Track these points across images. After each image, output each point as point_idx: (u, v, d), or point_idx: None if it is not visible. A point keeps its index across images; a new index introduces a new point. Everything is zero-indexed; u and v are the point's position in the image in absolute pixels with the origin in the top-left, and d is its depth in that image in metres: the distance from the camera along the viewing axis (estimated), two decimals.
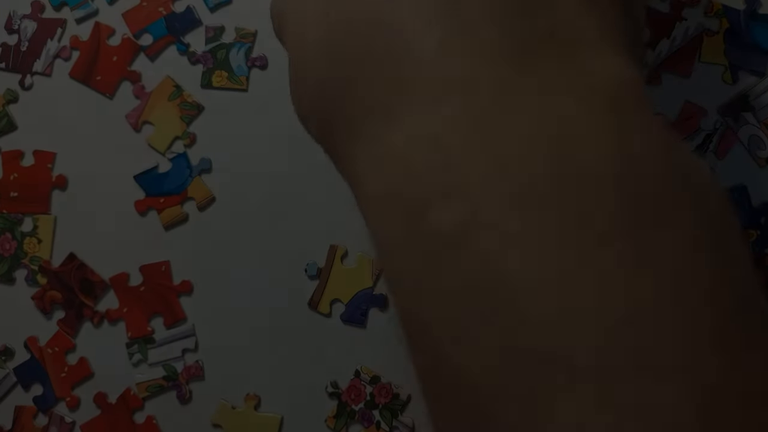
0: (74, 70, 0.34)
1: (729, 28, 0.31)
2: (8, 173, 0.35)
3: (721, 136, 0.31)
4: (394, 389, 0.32)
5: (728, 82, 0.31)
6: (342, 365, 0.32)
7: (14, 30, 0.35)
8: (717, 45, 0.31)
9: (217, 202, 0.34)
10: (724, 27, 0.31)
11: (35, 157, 0.35)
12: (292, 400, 0.33)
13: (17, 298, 0.34)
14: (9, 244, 0.34)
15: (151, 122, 0.34)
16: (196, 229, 0.34)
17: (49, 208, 0.34)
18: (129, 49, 0.34)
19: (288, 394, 0.33)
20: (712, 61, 0.31)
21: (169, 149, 0.34)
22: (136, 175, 0.34)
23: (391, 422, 0.32)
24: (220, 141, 0.34)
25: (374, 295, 0.32)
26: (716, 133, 0.31)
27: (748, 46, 0.31)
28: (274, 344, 0.33)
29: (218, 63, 0.33)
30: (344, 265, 0.32)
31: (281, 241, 0.33)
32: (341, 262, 0.32)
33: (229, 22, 0.34)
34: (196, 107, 0.34)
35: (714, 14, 0.31)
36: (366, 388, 0.32)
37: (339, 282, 0.32)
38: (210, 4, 0.34)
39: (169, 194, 0.34)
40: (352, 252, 0.32)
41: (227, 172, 0.34)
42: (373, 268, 0.32)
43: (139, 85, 0.34)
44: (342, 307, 0.32)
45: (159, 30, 0.34)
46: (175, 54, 0.34)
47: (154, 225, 0.34)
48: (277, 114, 0.33)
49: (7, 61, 0.35)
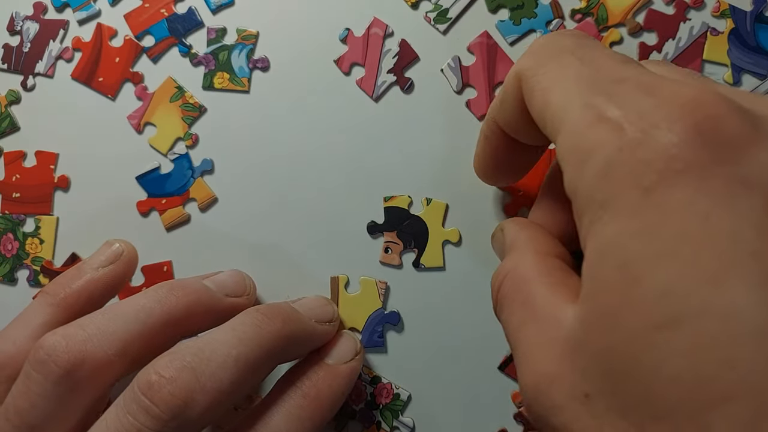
0: (76, 71, 0.35)
1: (734, 28, 0.31)
2: (10, 174, 0.35)
3: None
4: (395, 389, 0.32)
5: (730, 83, 0.31)
6: None
7: (16, 31, 0.35)
8: (721, 45, 0.31)
9: (219, 203, 0.34)
10: (730, 27, 0.31)
11: (37, 157, 0.35)
12: None
13: (19, 298, 0.34)
14: (11, 245, 0.34)
15: (153, 123, 0.34)
16: (197, 230, 0.34)
17: (52, 209, 0.35)
18: (131, 50, 0.34)
19: None
20: (715, 60, 0.31)
21: (171, 150, 0.34)
22: (138, 176, 0.34)
23: (392, 422, 0.32)
24: (222, 142, 0.34)
25: (386, 314, 0.32)
26: None
27: (751, 48, 0.31)
28: None
29: (220, 64, 0.34)
30: (349, 293, 0.32)
31: (283, 241, 0.33)
32: (345, 291, 0.32)
33: (231, 24, 0.34)
34: (197, 108, 0.34)
35: (720, 14, 0.31)
36: (366, 388, 0.32)
37: (349, 310, 0.32)
38: (212, 6, 0.34)
39: (171, 195, 0.34)
40: (354, 278, 0.32)
41: (229, 173, 0.34)
42: (378, 288, 0.32)
43: (141, 86, 0.34)
44: (358, 335, 0.32)
45: (161, 31, 0.34)
46: (177, 55, 0.34)
47: (156, 226, 0.34)
48: (279, 115, 0.33)
49: (9, 62, 0.35)
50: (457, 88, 0.32)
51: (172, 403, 0.21)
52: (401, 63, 0.33)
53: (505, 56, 0.32)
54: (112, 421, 0.22)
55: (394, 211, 0.32)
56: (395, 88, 0.33)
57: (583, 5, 0.32)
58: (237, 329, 0.24)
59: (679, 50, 0.32)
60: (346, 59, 0.33)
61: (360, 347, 0.29)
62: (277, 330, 0.25)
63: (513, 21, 0.32)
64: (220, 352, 0.23)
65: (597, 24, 0.32)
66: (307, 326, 0.27)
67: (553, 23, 0.32)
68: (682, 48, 0.32)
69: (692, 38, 0.32)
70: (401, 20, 0.33)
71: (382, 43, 0.33)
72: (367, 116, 0.33)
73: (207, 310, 0.26)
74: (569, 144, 0.17)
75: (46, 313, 0.26)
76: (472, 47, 0.32)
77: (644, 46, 0.32)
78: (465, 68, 0.32)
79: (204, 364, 0.22)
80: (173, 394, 0.21)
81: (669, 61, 0.31)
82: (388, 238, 0.32)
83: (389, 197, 0.32)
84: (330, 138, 0.33)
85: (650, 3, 0.32)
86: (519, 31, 0.32)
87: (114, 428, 0.21)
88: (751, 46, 0.31)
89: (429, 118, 0.32)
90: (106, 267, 0.28)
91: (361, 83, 0.33)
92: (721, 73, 0.31)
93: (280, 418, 0.24)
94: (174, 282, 0.26)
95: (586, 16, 0.32)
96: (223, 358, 0.23)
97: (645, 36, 0.32)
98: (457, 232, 0.32)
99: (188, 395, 0.21)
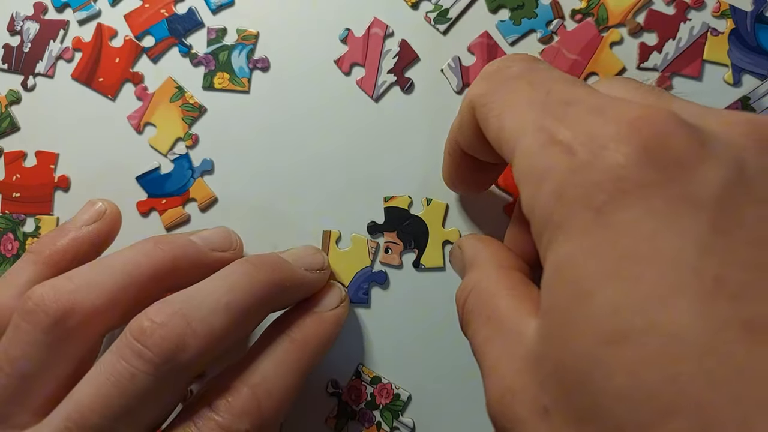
0: (76, 71, 0.35)
1: (734, 29, 0.31)
2: (11, 174, 0.35)
3: None
4: (395, 389, 0.32)
5: (730, 84, 0.31)
6: (342, 365, 0.33)
7: (17, 31, 0.35)
8: (721, 45, 0.31)
9: (219, 203, 0.34)
10: (730, 27, 0.31)
11: (38, 157, 0.35)
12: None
13: None
14: (11, 245, 0.35)
15: (153, 123, 0.34)
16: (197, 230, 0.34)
17: (52, 209, 0.35)
18: (131, 50, 0.34)
19: None
20: (715, 61, 0.31)
21: (171, 150, 0.34)
22: (138, 176, 0.34)
23: (392, 423, 0.32)
24: (222, 142, 0.34)
25: (373, 273, 0.32)
26: None
27: (752, 48, 0.31)
28: None
29: (220, 65, 0.34)
30: (339, 248, 0.32)
31: (283, 241, 0.33)
32: (336, 246, 0.32)
33: (231, 24, 0.34)
34: (198, 108, 0.34)
35: (721, 14, 0.31)
36: (366, 389, 0.32)
37: (337, 265, 0.32)
38: (212, 6, 0.34)
39: (171, 195, 0.34)
40: (346, 234, 0.33)
41: (229, 173, 0.34)
42: (369, 247, 0.32)
43: (141, 86, 0.34)
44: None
45: (161, 32, 0.34)
46: (177, 55, 0.34)
47: (156, 226, 0.34)
48: (279, 115, 0.33)
49: (10, 62, 0.35)
50: (457, 88, 0.32)
51: (164, 346, 0.21)
52: (401, 63, 0.33)
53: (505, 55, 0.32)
54: (105, 366, 0.22)
55: (394, 212, 0.32)
56: (395, 88, 0.33)
57: (583, 5, 0.32)
58: (227, 278, 0.24)
59: (679, 50, 0.32)
60: (347, 59, 0.33)
61: (345, 295, 0.30)
62: (267, 278, 0.25)
63: (513, 21, 0.32)
64: (211, 299, 0.23)
65: (597, 24, 0.32)
66: (297, 274, 0.27)
67: (553, 23, 0.32)
68: (683, 48, 0.32)
69: (692, 38, 0.32)
70: (401, 20, 0.33)
71: (383, 43, 0.33)
72: (368, 116, 0.33)
73: (193, 264, 0.26)
74: (524, 167, 0.17)
75: (31, 270, 0.26)
76: (472, 47, 0.32)
77: (644, 47, 0.32)
78: (465, 68, 0.32)
79: (195, 310, 0.23)
80: (165, 338, 0.22)
81: (669, 60, 0.32)
82: (388, 238, 0.32)
83: (389, 197, 0.32)
84: (330, 138, 0.33)
85: (650, 3, 0.32)
86: (519, 31, 0.32)
87: (108, 372, 0.22)
88: (752, 46, 0.31)
89: (429, 118, 0.32)
90: (90, 225, 0.28)
91: (361, 83, 0.33)
92: (721, 73, 0.31)
93: (268, 362, 0.25)
94: (160, 236, 0.27)
95: (587, 17, 0.32)
96: (214, 304, 0.23)
97: (645, 36, 0.32)
98: (457, 233, 0.32)
99: (180, 339, 0.22)
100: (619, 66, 0.32)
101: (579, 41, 0.32)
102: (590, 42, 0.32)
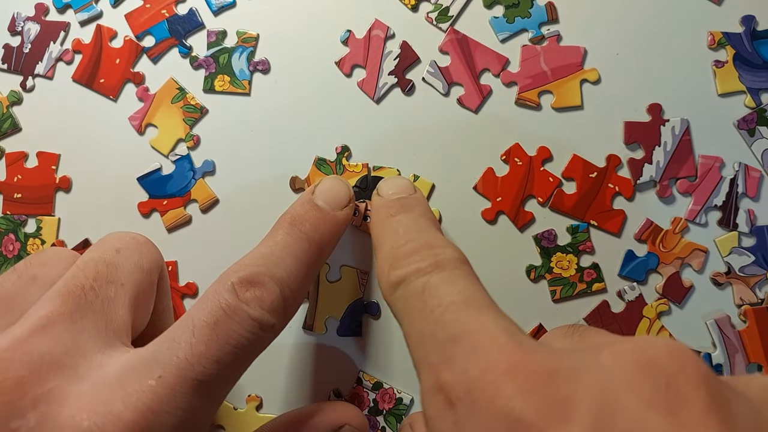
0: (77, 73, 0.35)
1: (736, 53, 0.31)
2: (12, 175, 0.35)
3: (745, 176, 0.31)
4: (397, 394, 0.32)
5: (751, 108, 0.31)
6: (344, 373, 0.33)
7: (17, 32, 0.35)
8: (730, 74, 0.31)
9: (220, 204, 0.34)
10: (731, 54, 0.31)
11: (39, 158, 0.35)
12: (294, 402, 0.33)
13: None
14: (13, 245, 0.35)
15: (154, 124, 0.34)
16: (199, 231, 0.34)
17: (53, 210, 0.35)
18: (131, 50, 0.34)
19: (290, 397, 0.33)
20: (730, 91, 0.31)
21: (173, 151, 0.34)
22: (140, 177, 0.34)
23: (397, 427, 0.32)
24: (223, 143, 0.34)
25: (365, 304, 0.32)
26: (738, 175, 0.31)
27: (759, 66, 0.31)
28: (276, 356, 0.33)
29: (220, 67, 0.33)
30: (329, 280, 0.32)
31: None
32: (326, 279, 0.32)
33: (232, 26, 0.34)
34: (199, 110, 0.34)
35: (717, 45, 0.31)
36: (369, 395, 0.32)
37: (329, 299, 0.32)
38: (213, 7, 0.34)
39: (173, 196, 0.34)
40: (335, 266, 0.32)
41: (230, 174, 0.34)
42: (359, 278, 0.32)
43: (143, 87, 0.34)
44: (337, 322, 0.32)
45: (161, 32, 0.34)
46: (177, 56, 0.34)
47: (158, 227, 0.34)
48: (279, 117, 0.33)
49: (10, 63, 0.35)
50: (444, 90, 0.32)
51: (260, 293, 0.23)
52: (402, 65, 0.33)
53: (478, 44, 0.32)
54: (210, 297, 0.23)
55: (377, 180, 0.32)
56: (396, 89, 0.33)
57: None
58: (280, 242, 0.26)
59: (668, 155, 0.31)
60: (348, 61, 0.33)
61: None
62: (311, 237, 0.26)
63: (507, 19, 0.32)
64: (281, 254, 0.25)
65: None
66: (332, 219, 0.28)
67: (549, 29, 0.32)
68: (671, 152, 0.31)
69: (677, 138, 0.31)
70: (402, 22, 0.33)
71: (384, 44, 0.33)
72: (368, 118, 0.33)
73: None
74: (423, 404, 0.19)
75: None
76: (443, 47, 0.32)
77: (634, 162, 0.31)
78: (445, 69, 0.32)
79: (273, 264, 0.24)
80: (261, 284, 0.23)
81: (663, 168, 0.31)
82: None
83: (378, 167, 0.32)
84: (331, 140, 0.33)
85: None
86: (511, 30, 0.32)
87: (214, 304, 0.22)
88: (758, 64, 0.31)
89: (429, 118, 0.32)
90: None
91: (362, 85, 0.33)
92: (741, 100, 0.31)
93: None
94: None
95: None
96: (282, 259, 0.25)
97: (635, 152, 0.32)
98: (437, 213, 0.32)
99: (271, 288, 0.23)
100: (576, 100, 0.32)
101: (560, 59, 0.32)
102: (568, 66, 0.32)
